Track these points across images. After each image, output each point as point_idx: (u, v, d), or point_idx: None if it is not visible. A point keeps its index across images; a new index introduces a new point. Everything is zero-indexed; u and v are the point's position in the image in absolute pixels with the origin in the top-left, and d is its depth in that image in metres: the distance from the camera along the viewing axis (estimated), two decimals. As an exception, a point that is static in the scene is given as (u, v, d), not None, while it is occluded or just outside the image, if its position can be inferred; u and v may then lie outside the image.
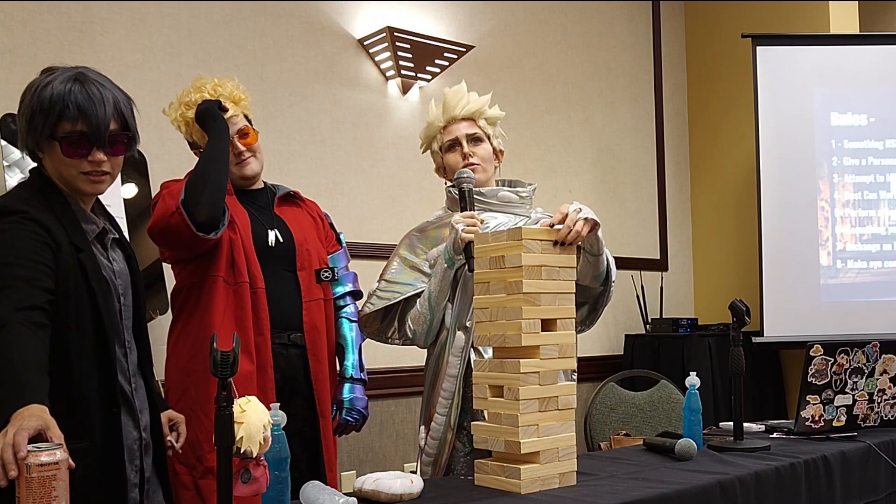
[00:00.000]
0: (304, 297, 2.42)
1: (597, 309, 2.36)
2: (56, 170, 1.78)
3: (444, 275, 2.22)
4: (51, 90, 1.72)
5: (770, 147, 4.33)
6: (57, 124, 1.73)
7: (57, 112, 1.72)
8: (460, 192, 2.25)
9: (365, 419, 2.56)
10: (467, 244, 2.14)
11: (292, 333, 2.40)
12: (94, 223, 1.83)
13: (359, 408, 2.52)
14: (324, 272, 2.48)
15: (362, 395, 2.55)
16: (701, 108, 5.15)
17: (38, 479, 1.25)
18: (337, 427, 2.51)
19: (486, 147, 2.38)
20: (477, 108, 2.39)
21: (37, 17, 2.88)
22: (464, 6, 4.08)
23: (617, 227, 4.74)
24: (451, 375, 2.21)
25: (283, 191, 2.55)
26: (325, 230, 2.62)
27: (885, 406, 2.52)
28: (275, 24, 3.46)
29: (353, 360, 2.55)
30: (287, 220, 2.49)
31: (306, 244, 2.47)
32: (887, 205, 4.34)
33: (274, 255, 2.40)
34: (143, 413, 1.88)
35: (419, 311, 2.26)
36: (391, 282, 2.30)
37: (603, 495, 1.70)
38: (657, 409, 3.72)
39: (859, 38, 4.45)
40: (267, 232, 2.42)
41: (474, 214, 2.20)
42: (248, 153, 2.43)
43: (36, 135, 1.74)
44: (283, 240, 2.44)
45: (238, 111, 2.41)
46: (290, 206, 2.55)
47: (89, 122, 1.73)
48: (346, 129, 3.64)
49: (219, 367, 1.35)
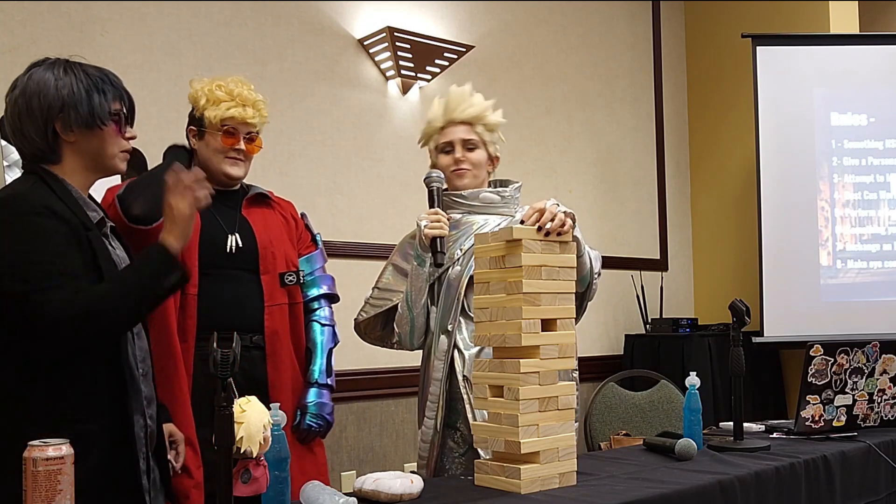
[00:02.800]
0: (266, 301, 2.35)
1: (582, 303, 2.34)
2: (98, 149, 1.81)
3: (416, 273, 2.24)
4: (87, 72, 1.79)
5: (770, 147, 4.33)
6: (112, 102, 1.81)
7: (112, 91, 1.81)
8: (429, 191, 2.28)
9: (330, 425, 2.45)
10: (432, 240, 2.16)
11: (254, 336, 2.34)
12: (95, 210, 1.85)
13: (323, 413, 2.42)
14: (288, 276, 2.40)
15: (328, 401, 2.44)
16: (701, 108, 5.15)
17: (43, 473, 1.28)
18: (299, 433, 2.39)
19: (479, 153, 2.37)
20: (476, 114, 2.38)
21: (37, 17, 2.88)
22: (464, 6, 4.08)
23: (617, 227, 4.74)
24: (435, 379, 2.23)
25: (254, 191, 2.47)
26: (298, 231, 2.54)
27: (885, 406, 2.52)
28: (275, 24, 3.46)
29: (320, 364, 2.47)
30: (253, 222, 2.41)
31: (271, 247, 2.39)
32: (887, 205, 4.34)
33: (233, 258, 2.34)
34: (151, 403, 1.87)
35: (400, 313, 2.29)
36: (383, 289, 2.34)
37: (603, 495, 1.70)
38: (657, 409, 3.72)
39: (859, 38, 4.45)
40: (227, 237, 2.35)
41: (439, 210, 2.22)
42: (241, 157, 2.38)
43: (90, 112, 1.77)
44: (245, 244, 2.37)
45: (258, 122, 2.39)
46: (259, 208, 2.46)
47: (129, 101, 1.86)
48: (346, 130, 3.64)
49: (219, 366, 1.36)
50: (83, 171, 1.82)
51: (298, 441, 2.38)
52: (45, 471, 1.28)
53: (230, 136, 2.33)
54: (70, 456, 1.31)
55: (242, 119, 2.32)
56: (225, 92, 2.32)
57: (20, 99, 1.77)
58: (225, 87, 2.33)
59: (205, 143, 2.35)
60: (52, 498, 1.28)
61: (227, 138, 2.33)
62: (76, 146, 1.80)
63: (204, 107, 2.33)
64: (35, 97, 1.75)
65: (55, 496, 1.28)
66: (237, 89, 2.33)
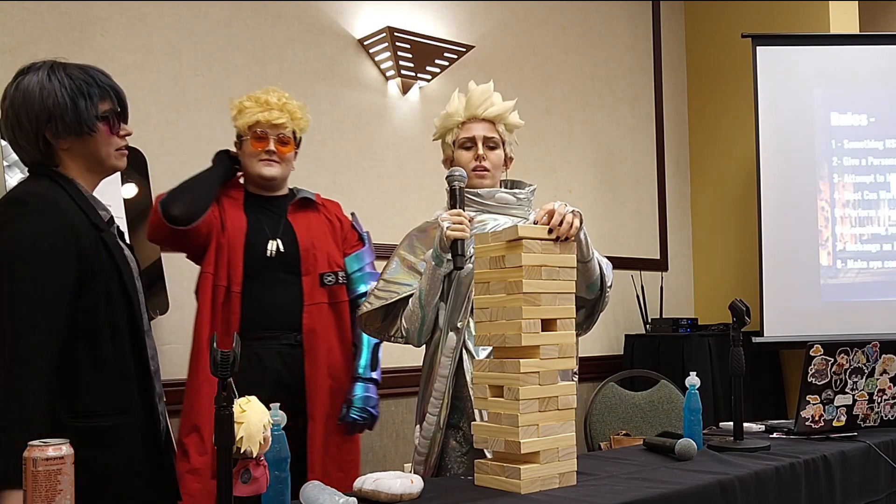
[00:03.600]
0: (305, 300, 2.50)
1: (594, 314, 2.34)
2: (93, 152, 1.82)
3: (432, 273, 2.21)
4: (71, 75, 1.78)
5: (770, 147, 4.33)
6: (99, 104, 1.80)
7: (98, 92, 1.79)
8: (451, 190, 2.25)
9: (375, 419, 2.59)
10: (453, 242, 2.13)
11: (297, 334, 2.49)
12: (105, 210, 1.87)
13: (368, 407, 2.55)
14: (327, 276, 2.54)
15: (373, 395, 2.58)
16: (701, 108, 5.15)
17: (43, 473, 1.28)
18: (346, 426, 2.54)
19: (498, 153, 2.37)
20: (500, 113, 2.37)
21: (37, 17, 2.88)
22: (464, 6, 4.08)
23: (617, 227, 4.74)
24: (442, 376, 2.22)
25: (301, 196, 2.63)
26: (343, 231, 2.68)
27: (885, 406, 2.52)
28: (275, 24, 3.46)
29: (365, 359, 2.60)
30: (297, 226, 2.56)
31: (313, 249, 2.54)
32: (887, 205, 4.34)
33: (274, 262, 2.50)
34: (161, 399, 1.91)
35: (411, 310, 2.25)
36: (389, 281, 2.30)
37: (603, 495, 1.70)
38: (657, 409, 3.72)
39: (859, 38, 4.45)
40: (267, 242, 2.51)
41: (461, 212, 2.18)
42: (275, 158, 2.53)
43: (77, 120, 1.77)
44: (286, 248, 2.52)
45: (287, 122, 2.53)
46: (304, 212, 2.61)
47: (119, 98, 1.84)
48: (346, 130, 3.64)
49: (219, 366, 1.36)
50: (84, 174, 1.83)
51: (345, 433, 2.54)
52: (45, 471, 1.28)
53: (259, 139, 2.50)
54: (70, 456, 1.32)
55: (269, 122, 2.49)
56: (253, 101, 2.51)
57: (10, 111, 1.78)
58: (254, 97, 2.52)
59: (243, 150, 2.55)
60: (52, 498, 1.28)
61: (256, 142, 2.51)
62: (71, 152, 1.81)
63: (236, 118, 2.53)
64: (22, 109, 1.76)
65: (55, 496, 1.28)
66: (265, 97, 2.52)
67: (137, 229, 2.83)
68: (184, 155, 3.19)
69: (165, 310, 2.91)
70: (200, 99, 3.24)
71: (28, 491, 1.29)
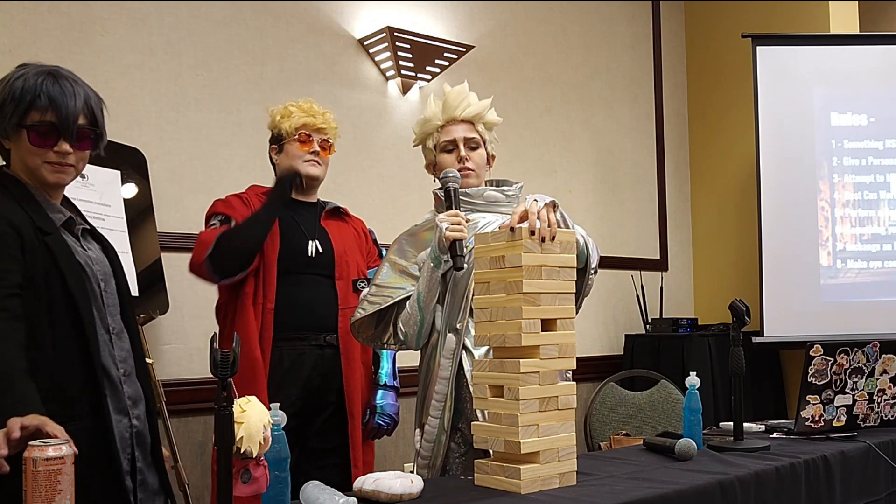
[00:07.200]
0: (340, 304, 2.63)
1: (578, 295, 2.30)
2: (21, 160, 1.80)
3: (431, 275, 2.20)
4: (23, 81, 1.77)
5: (770, 147, 4.33)
6: (26, 113, 1.76)
7: (28, 101, 1.75)
8: (445, 191, 2.25)
9: (396, 423, 2.74)
10: (452, 243, 2.13)
11: (328, 335, 2.61)
12: (61, 212, 1.85)
13: (390, 413, 2.71)
14: (360, 282, 2.68)
15: (394, 402, 2.74)
16: (701, 108, 5.15)
17: (43, 473, 1.29)
18: (369, 430, 2.68)
19: (481, 153, 2.37)
20: (477, 112, 2.38)
21: (37, 17, 2.88)
22: (464, 6, 4.08)
23: (617, 227, 4.74)
24: (442, 378, 2.20)
25: (332, 206, 2.78)
26: (367, 245, 2.83)
27: (885, 406, 2.52)
28: (275, 24, 3.46)
29: (387, 368, 2.76)
30: (331, 232, 2.70)
31: (346, 255, 2.68)
32: (887, 205, 4.35)
33: (314, 264, 2.63)
34: (138, 403, 1.87)
35: (409, 313, 2.24)
36: (381, 286, 2.28)
37: (603, 495, 1.70)
38: (657, 409, 3.72)
39: (859, 38, 4.45)
40: (308, 242, 2.64)
41: (459, 213, 2.18)
42: (318, 159, 2.68)
43: (4, 123, 1.77)
44: (324, 250, 2.65)
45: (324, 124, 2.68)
46: (335, 220, 2.77)
47: (59, 113, 1.77)
48: (346, 129, 3.63)
49: (218, 367, 1.36)
50: (30, 178, 1.82)
51: (368, 438, 2.70)
52: (45, 471, 1.28)
53: (304, 141, 2.65)
54: (70, 456, 1.32)
55: (314, 126, 2.66)
56: (296, 107, 2.67)
57: None
58: (295, 104, 2.68)
59: (284, 153, 2.67)
60: (52, 498, 1.28)
61: (301, 144, 2.65)
62: (13, 154, 1.83)
63: (280, 122, 2.66)
64: None
65: (55, 496, 1.29)
66: (306, 105, 2.69)
67: (137, 228, 2.83)
68: (184, 155, 3.19)
69: (165, 310, 2.90)
70: (200, 99, 3.24)
71: (28, 491, 1.29)
